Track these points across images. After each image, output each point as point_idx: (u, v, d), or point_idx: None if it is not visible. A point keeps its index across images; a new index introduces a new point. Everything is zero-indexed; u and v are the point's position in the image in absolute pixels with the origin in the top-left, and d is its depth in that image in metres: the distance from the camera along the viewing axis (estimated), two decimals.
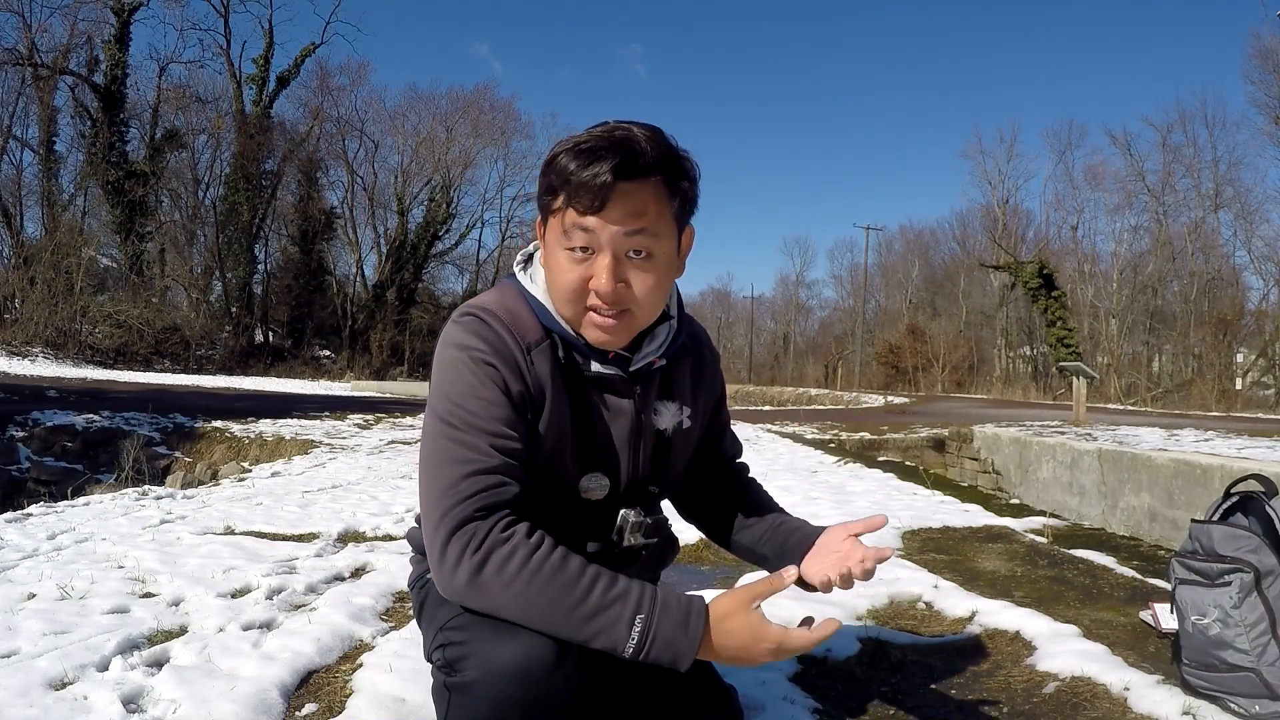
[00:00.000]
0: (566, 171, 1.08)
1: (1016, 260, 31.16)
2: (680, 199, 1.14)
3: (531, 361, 1.14)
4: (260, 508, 4.22)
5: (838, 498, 4.63)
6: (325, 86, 37.86)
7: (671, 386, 1.30)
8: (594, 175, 1.05)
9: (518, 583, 1.04)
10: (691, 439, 1.36)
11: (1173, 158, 34.92)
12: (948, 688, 1.85)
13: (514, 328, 1.15)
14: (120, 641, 1.96)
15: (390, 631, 2.16)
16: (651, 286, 1.13)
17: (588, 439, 1.21)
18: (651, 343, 1.23)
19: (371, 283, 39.54)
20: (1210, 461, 3.96)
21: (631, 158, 1.07)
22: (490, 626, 1.07)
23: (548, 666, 1.04)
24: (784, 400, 27.12)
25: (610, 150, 1.06)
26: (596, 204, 1.07)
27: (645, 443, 1.26)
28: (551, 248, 1.14)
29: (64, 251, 27.47)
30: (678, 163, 1.12)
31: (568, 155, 1.08)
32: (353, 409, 12.54)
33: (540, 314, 1.17)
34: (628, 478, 1.26)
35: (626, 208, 1.08)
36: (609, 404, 1.22)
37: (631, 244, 1.10)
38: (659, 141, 1.10)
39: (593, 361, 1.18)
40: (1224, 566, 1.65)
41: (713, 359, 1.40)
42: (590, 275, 1.11)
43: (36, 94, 29.97)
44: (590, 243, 1.10)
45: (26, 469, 7.77)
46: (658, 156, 1.09)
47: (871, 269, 49.92)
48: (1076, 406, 9.69)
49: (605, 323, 1.13)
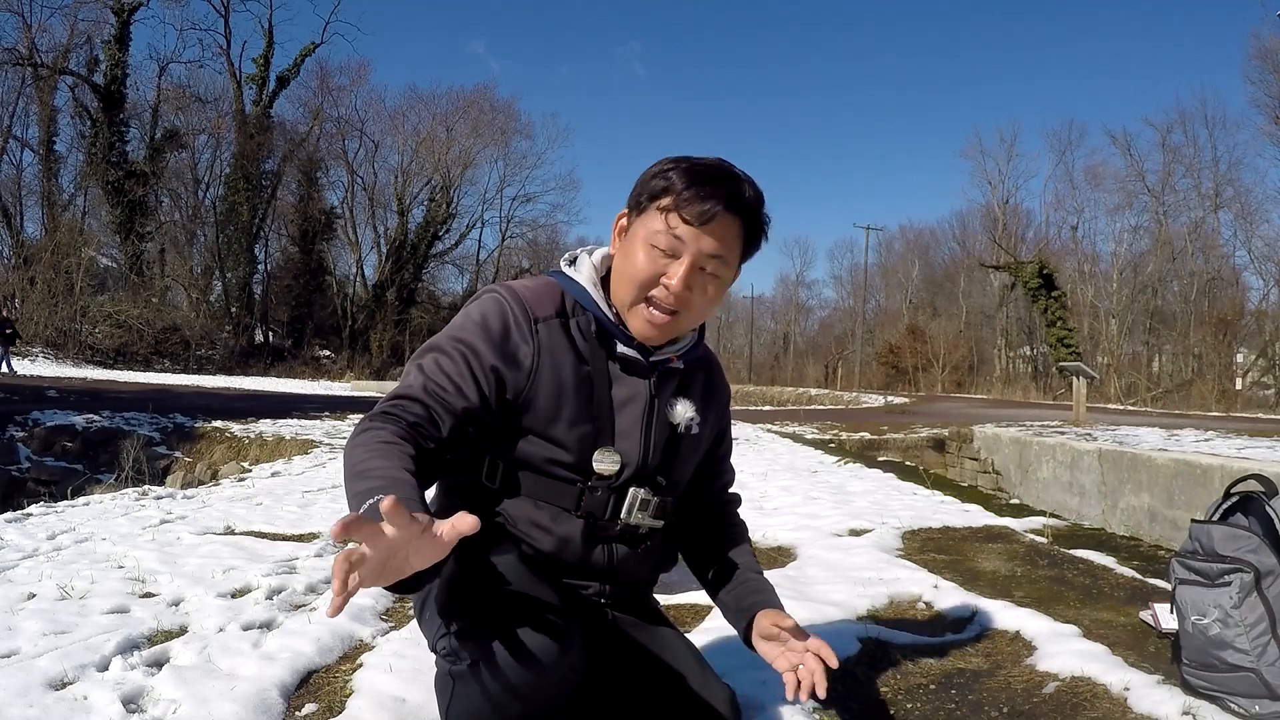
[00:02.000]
0: (680, 185, 1.22)
1: (1016, 260, 31.13)
2: (753, 242, 1.31)
3: (536, 331, 1.25)
4: (260, 508, 4.22)
5: (838, 498, 4.63)
6: (325, 86, 37.95)
7: (687, 389, 1.40)
8: (707, 196, 1.21)
9: (350, 448, 1.09)
10: (700, 445, 1.44)
11: (1173, 158, 34.98)
12: (948, 688, 1.85)
13: (529, 302, 1.26)
14: (120, 641, 1.96)
15: (390, 631, 2.16)
16: (709, 300, 1.28)
17: (603, 413, 1.29)
18: (674, 343, 1.34)
19: (371, 283, 39.59)
20: (1210, 461, 3.96)
21: (738, 195, 1.24)
22: (495, 615, 1.09)
23: (552, 656, 1.07)
24: (784, 400, 27.12)
25: (724, 181, 1.23)
26: (701, 220, 1.21)
27: (658, 430, 1.34)
28: (635, 238, 1.26)
29: (64, 251, 27.49)
30: (762, 214, 1.29)
31: (685, 172, 1.23)
32: (353, 409, 12.53)
33: (577, 294, 1.30)
34: (639, 459, 1.32)
35: (719, 233, 1.23)
36: (627, 384, 1.31)
37: (710, 263, 1.24)
38: (756, 189, 1.28)
39: (619, 344, 1.30)
40: (1224, 566, 1.65)
41: (723, 384, 1.51)
42: (664, 272, 1.23)
43: (36, 94, 30.01)
44: (675, 249, 1.22)
45: (26, 469, 7.76)
46: (753, 202, 1.27)
47: (871, 269, 49.96)
48: (1076, 406, 9.69)
49: (657, 318, 1.25)
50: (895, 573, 2.77)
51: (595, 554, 1.32)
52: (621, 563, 1.35)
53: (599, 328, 1.30)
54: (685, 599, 2.49)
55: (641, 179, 1.27)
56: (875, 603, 2.44)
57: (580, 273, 1.32)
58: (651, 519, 1.33)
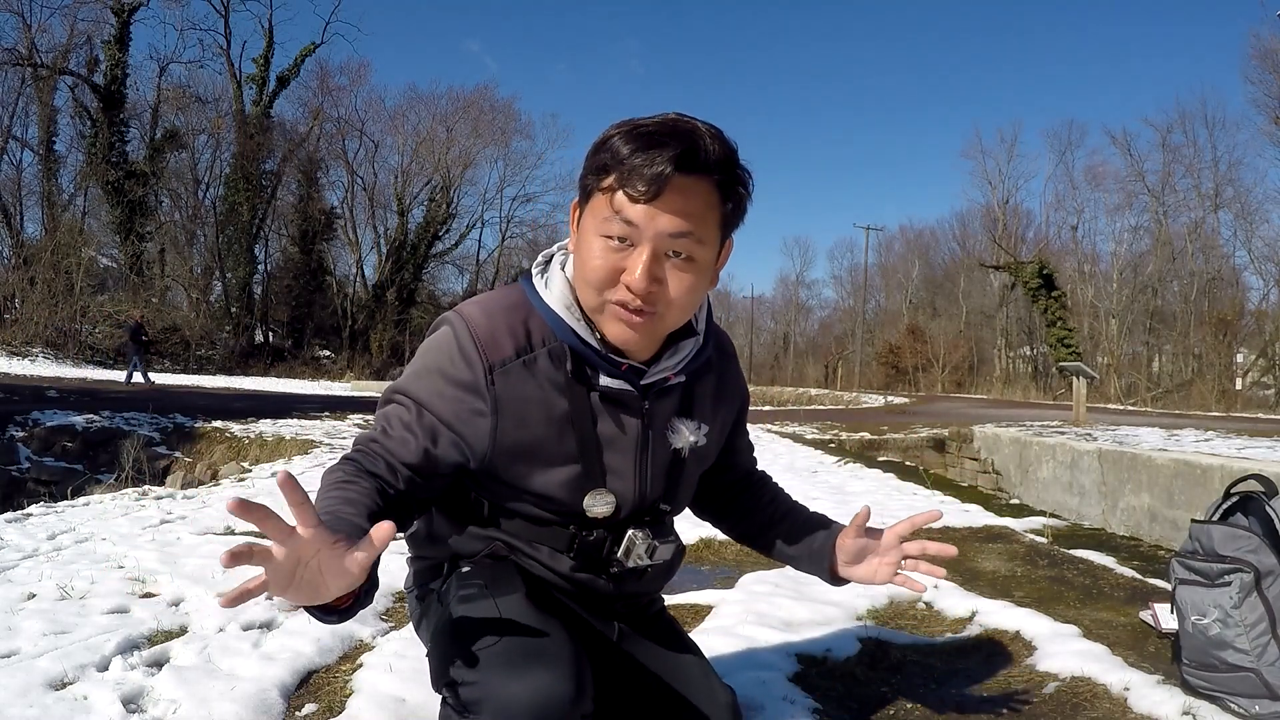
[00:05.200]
0: (622, 153, 0.99)
1: (1016, 260, 31.15)
2: (733, 205, 1.06)
3: (493, 383, 1.07)
4: None
5: (838, 498, 4.63)
6: (325, 86, 37.90)
7: (692, 404, 1.23)
8: (652, 161, 0.97)
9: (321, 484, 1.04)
10: (708, 457, 1.31)
11: (1173, 158, 34.98)
12: (948, 688, 1.85)
13: (483, 344, 1.08)
14: (120, 641, 1.96)
15: (390, 631, 2.16)
16: (687, 289, 1.05)
17: (590, 454, 1.14)
18: (672, 356, 1.15)
19: (371, 283, 39.56)
20: (1210, 461, 3.96)
21: (694, 150, 0.99)
22: (503, 660, 1.01)
23: (566, 704, 0.99)
24: (784, 400, 27.11)
25: (673, 139, 0.99)
26: (650, 192, 0.98)
27: (656, 461, 1.20)
28: (586, 232, 1.06)
29: (64, 251, 27.46)
30: (737, 166, 1.04)
31: (626, 137, 1.00)
32: (353, 409, 12.53)
33: (551, 322, 1.10)
34: (635, 497, 1.19)
35: (678, 204, 1.00)
36: (615, 419, 1.14)
37: (674, 245, 1.02)
38: (722, 140, 1.03)
39: (602, 375, 1.11)
40: (1224, 566, 1.65)
41: (736, 371, 1.34)
42: (623, 267, 1.02)
43: (36, 94, 29.97)
44: (630, 235, 1.01)
45: (26, 469, 7.76)
46: (720, 155, 1.01)
47: (871, 269, 49.95)
48: (1076, 406, 9.69)
49: (629, 318, 1.04)
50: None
51: (599, 584, 1.23)
52: (628, 587, 1.27)
53: (578, 358, 1.10)
54: (685, 599, 2.49)
55: (586, 157, 1.05)
56: (875, 603, 2.44)
57: (552, 291, 1.12)
58: (649, 560, 1.21)
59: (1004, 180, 42.20)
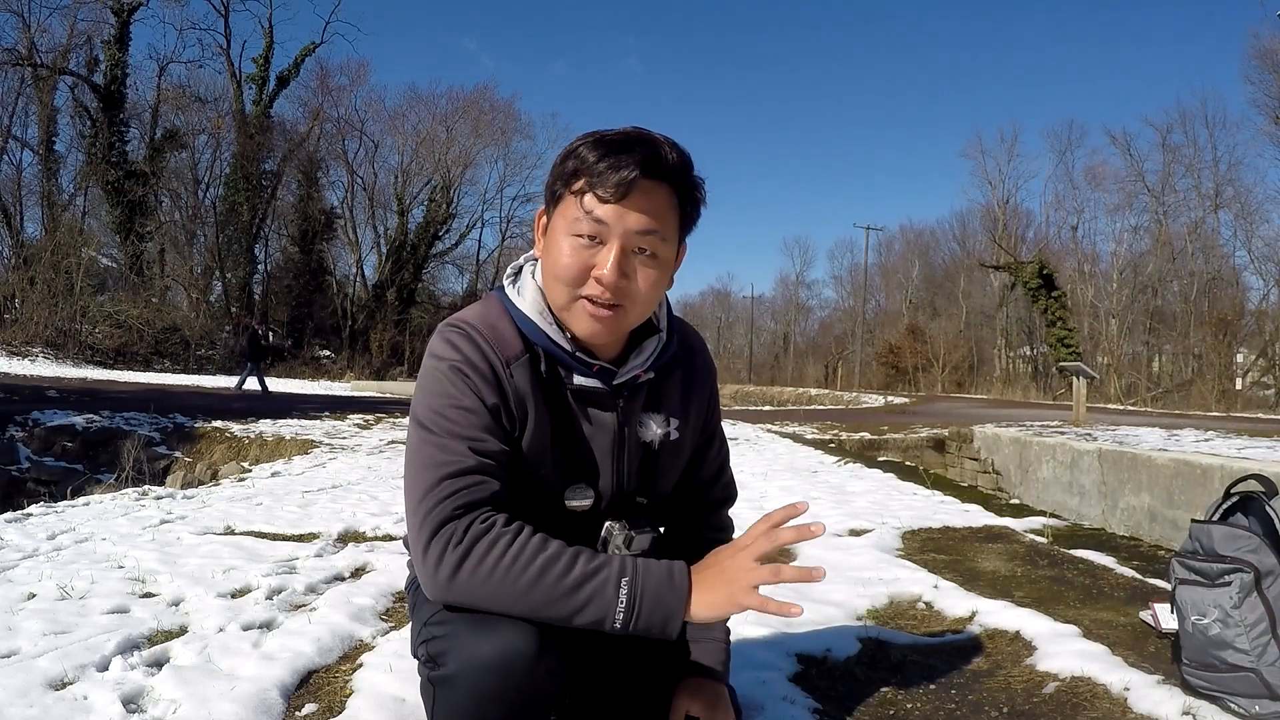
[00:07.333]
0: (590, 159, 1.10)
1: (1016, 260, 31.13)
2: (690, 208, 1.18)
3: (511, 375, 1.15)
4: (260, 508, 4.22)
5: (838, 498, 4.62)
6: (325, 86, 37.91)
7: (660, 399, 1.29)
8: (620, 165, 1.08)
9: (499, 569, 1.05)
10: (682, 451, 1.34)
11: (1173, 158, 35.01)
12: (948, 688, 1.85)
13: (494, 342, 1.16)
14: (120, 641, 1.96)
15: (390, 631, 2.16)
16: (651, 284, 1.15)
17: (570, 451, 1.21)
18: (638, 356, 1.23)
19: (371, 283, 39.56)
20: (1210, 461, 3.96)
21: (657, 157, 1.11)
22: (470, 620, 1.07)
23: (528, 659, 1.04)
24: (784, 400, 27.12)
25: (638, 146, 1.10)
26: (619, 193, 1.09)
27: (630, 455, 1.26)
28: (556, 233, 1.15)
29: (64, 251, 27.45)
30: (693, 176, 1.16)
31: (592, 145, 1.11)
32: (353, 409, 12.54)
33: (525, 327, 1.18)
34: (613, 489, 1.25)
35: (645, 205, 1.11)
36: (591, 417, 1.22)
37: (641, 241, 1.12)
38: (680, 150, 1.15)
39: (575, 375, 1.19)
40: (1224, 566, 1.65)
41: (705, 367, 1.36)
42: (593, 264, 1.12)
43: (36, 94, 29.96)
44: (600, 233, 1.11)
45: (26, 469, 7.76)
46: (678, 164, 1.14)
47: (871, 269, 49.96)
48: (1076, 406, 9.69)
49: (599, 313, 1.13)
50: (895, 573, 2.77)
51: None
52: None
53: (552, 360, 1.18)
54: None
55: (553, 166, 1.16)
56: (875, 603, 2.44)
57: (524, 298, 1.20)
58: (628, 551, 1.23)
59: (1004, 180, 42.27)
